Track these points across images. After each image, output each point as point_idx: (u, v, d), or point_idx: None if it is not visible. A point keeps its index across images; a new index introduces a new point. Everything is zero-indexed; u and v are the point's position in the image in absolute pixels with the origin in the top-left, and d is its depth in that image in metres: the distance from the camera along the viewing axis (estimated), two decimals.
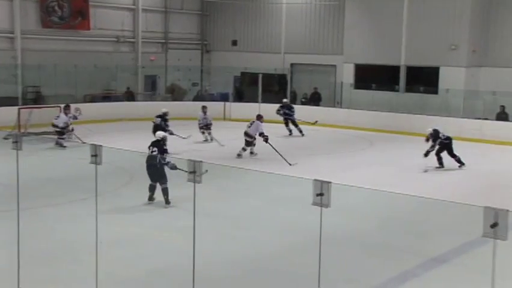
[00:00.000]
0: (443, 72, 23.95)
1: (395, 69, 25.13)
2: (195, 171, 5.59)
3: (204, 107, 20.37)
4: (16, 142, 6.75)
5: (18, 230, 6.71)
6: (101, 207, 6.94)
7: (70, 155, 16.11)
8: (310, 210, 5.47)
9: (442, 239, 10.18)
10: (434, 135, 15.96)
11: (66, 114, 18.42)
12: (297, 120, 21.83)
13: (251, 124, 16.80)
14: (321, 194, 5.24)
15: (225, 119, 25.14)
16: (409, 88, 24.93)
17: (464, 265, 9.06)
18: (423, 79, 24.95)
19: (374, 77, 25.62)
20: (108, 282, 7.30)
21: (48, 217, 10.79)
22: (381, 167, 16.38)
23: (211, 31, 31.07)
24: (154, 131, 17.34)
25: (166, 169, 11.36)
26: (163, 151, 11.67)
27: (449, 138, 16.07)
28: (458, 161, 16.07)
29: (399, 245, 9.79)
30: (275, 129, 22.89)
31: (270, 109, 25.14)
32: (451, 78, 23.50)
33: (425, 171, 15.54)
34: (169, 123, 18.04)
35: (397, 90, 25.09)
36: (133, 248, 9.26)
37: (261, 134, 16.56)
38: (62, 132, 17.82)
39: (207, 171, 9.67)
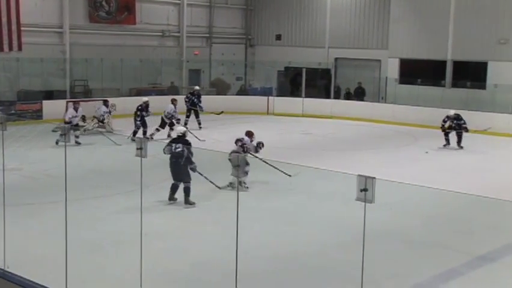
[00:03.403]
0: (491, 67, 23.37)
1: (441, 64, 24.65)
2: (239, 165, 5.62)
3: (174, 100, 19.19)
4: (64, 135, 6.89)
5: (66, 221, 6.85)
6: (145, 200, 7.04)
7: (115, 148, 16.37)
8: (354, 206, 5.43)
9: (489, 238, 9.98)
10: (456, 118, 18.12)
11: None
12: (203, 111, 20.99)
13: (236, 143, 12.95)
14: (365, 190, 5.20)
15: (268, 113, 25.16)
16: (456, 83, 24.43)
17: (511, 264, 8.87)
18: (471, 74, 24.41)
19: (420, 72, 25.23)
20: (152, 273, 7.40)
21: (95, 208, 11.00)
22: (425, 163, 16.15)
23: (255, 25, 31.07)
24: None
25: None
26: (188, 145, 11.34)
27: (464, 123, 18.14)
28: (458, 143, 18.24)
29: (444, 243, 9.64)
30: (317, 124, 22.84)
31: (313, 104, 25.12)
32: (499, 73, 22.91)
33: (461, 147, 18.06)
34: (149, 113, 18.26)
35: (443, 86, 24.63)
36: (176, 240, 9.37)
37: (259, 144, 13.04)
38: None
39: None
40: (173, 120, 18.56)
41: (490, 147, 18.64)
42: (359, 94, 26.60)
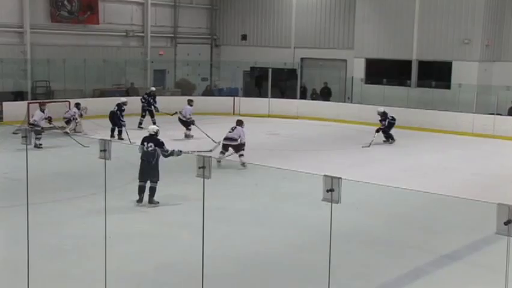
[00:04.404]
0: (455, 67, 23.69)
1: (407, 64, 24.91)
2: (204, 166, 5.51)
3: (190, 100, 19.92)
4: (25, 137, 6.72)
5: (28, 225, 6.69)
6: (110, 202, 6.90)
7: (79, 150, 16.08)
8: (320, 206, 5.39)
9: (454, 236, 10.08)
10: (384, 116, 18.83)
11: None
12: (157, 112, 21.13)
13: (232, 130, 15.00)
14: (331, 190, 5.16)
15: (234, 114, 25.06)
16: (421, 83, 24.71)
17: (476, 263, 8.96)
18: (436, 74, 24.73)
19: (385, 72, 25.44)
20: (117, 276, 7.25)
21: (58, 212, 10.78)
22: (391, 162, 16.27)
23: (220, 25, 30.97)
24: (110, 118, 18.40)
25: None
26: (160, 144, 11.25)
27: (394, 119, 18.97)
28: (391, 137, 18.94)
29: (410, 242, 9.70)
30: (284, 124, 22.84)
31: (279, 104, 25.12)
32: (463, 73, 23.25)
33: (368, 146, 18.20)
34: (124, 114, 18.39)
35: (409, 85, 24.89)
36: (141, 243, 9.23)
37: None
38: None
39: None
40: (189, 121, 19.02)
41: (454, 146, 18.89)
42: (325, 94, 26.69)
